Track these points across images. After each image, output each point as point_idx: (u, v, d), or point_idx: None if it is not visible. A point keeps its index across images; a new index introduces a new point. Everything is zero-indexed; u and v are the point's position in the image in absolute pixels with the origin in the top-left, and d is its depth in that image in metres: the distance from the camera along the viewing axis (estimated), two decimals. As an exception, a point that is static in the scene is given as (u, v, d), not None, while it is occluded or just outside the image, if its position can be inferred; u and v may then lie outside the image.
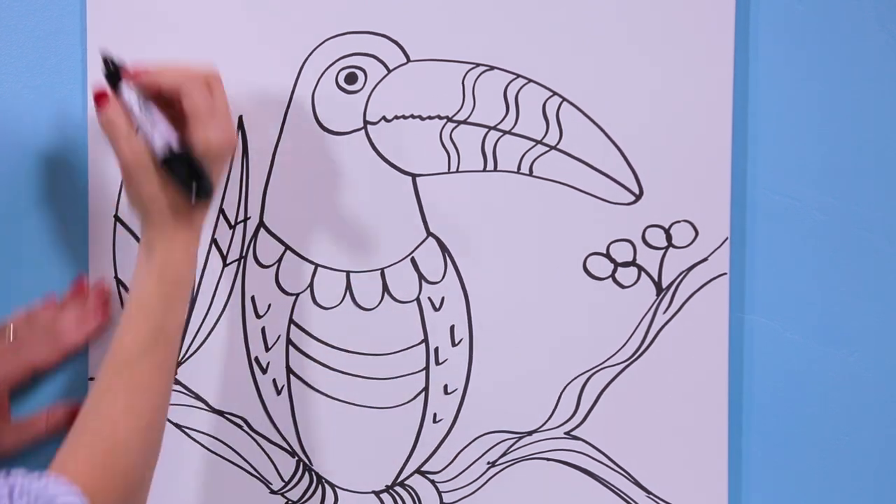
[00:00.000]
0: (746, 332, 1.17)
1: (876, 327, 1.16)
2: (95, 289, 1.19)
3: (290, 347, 1.19)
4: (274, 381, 1.20)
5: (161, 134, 1.04)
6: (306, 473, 1.21)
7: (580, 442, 1.18)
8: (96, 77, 1.10)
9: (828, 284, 1.16)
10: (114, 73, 1.06)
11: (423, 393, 1.19)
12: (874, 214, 1.15)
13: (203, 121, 1.05)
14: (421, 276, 1.19)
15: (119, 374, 1.05)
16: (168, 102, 1.06)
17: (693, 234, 1.16)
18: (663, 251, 1.16)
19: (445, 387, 1.19)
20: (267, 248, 1.19)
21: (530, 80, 1.16)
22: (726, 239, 1.16)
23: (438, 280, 1.19)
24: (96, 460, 1.01)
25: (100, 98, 1.06)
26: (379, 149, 1.18)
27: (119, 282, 1.20)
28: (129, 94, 1.05)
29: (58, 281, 1.20)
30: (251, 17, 1.17)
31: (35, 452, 1.18)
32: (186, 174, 1.03)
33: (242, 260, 1.19)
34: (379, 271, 1.19)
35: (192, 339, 1.20)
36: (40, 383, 1.21)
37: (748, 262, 1.16)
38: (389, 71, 1.17)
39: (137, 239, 1.19)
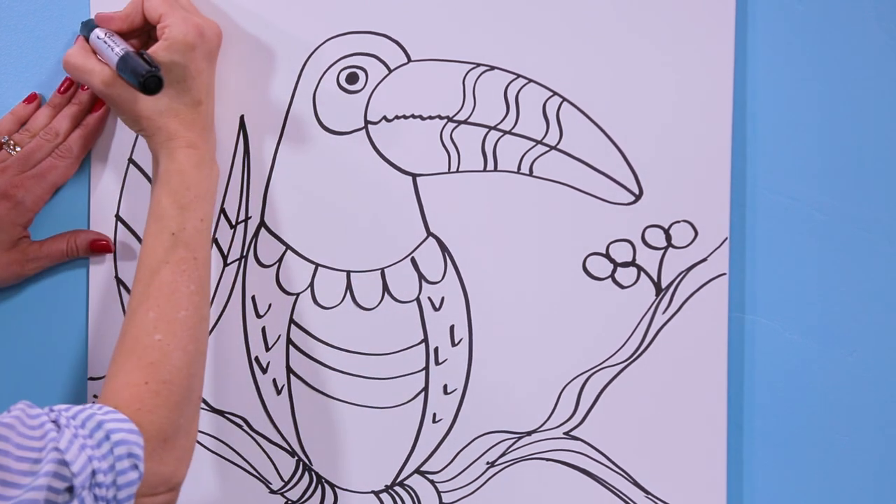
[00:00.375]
0: (746, 332, 1.16)
1: (875, 327, 1.16)
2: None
3: (291, 347, 1.20)
4: (274, 380, 1.20)
5: (122, 51, 1.06)
6: (306, 473, 1.21)
7: (579, 442, 1.18)
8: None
9: (827, 284, 1.16)
10: (88, 25, 1.12)
11: (423, 393, 1.19)
12: (874, 215, 1.15)
13: (165, 17, 1.09)
14: (421, 276, 1.19)
15: (147, 286, 1.06)
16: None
17: (693, 234, 1.16)
18: (663, 251, 1.16)
19: (445, 387, 1.19)
20: (267, 248, 1.19)
21: (530, 81, 1.16)
22: (726, 239, 1.16)
23: (438, 280, 1.19)
24: (139, 377, 1.02)
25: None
26: (379, 148, 1.18)
27: (119, 281, 1.20)
28: (98, 35, 1.10)
29: (59, 280, 1.21)
30: (253, 16, 1.17)
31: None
32: (140, 72, 1.03)
33: (243, 259, 1.19)
34: (379, 271, 1.19)
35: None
36: (40, 382, 1.21)
37: (748, 262, 1.16)
38: (390, 71, 1.17)
39: (138, 238, 1.20)
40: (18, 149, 1.17)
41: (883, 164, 1.15)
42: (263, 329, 1.20)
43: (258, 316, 1.20)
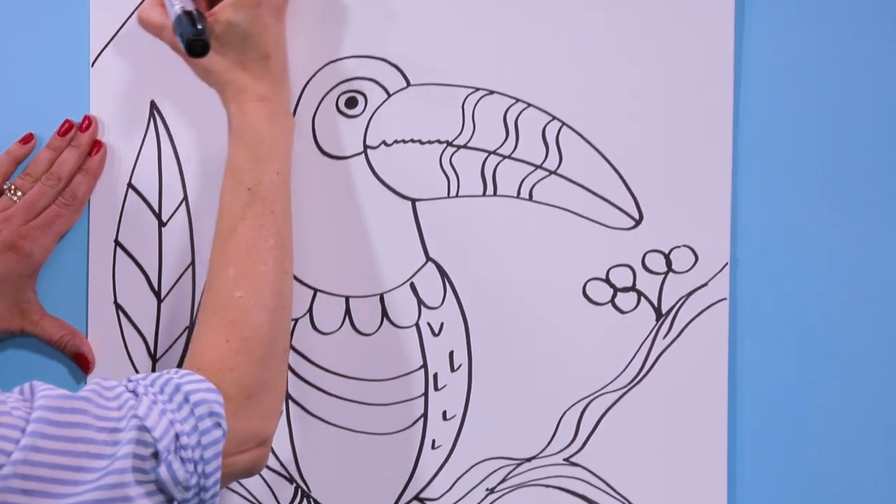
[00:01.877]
0: (747, 357, 1.16)
1: (876, 356, 1.15)
2: (83, 121, 1.19)
3: (290, 373, 1.19)
4: (272, 406, 1.20)
5: (179, 9, 1.05)
6: (304, 500, 1.20)
7: (579, 468, 1.18)
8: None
9: (829, 309, 1.15)
10: None
11: (422, 419, 1.19)
12: (876, 243, 1.14)
13: None
14: (420, 302, 1.18)
15: (225, 243, 1.06)
16: None
17: (693, 259, 1.15)
18: (663, 276, 1.16)
19: (444, 413, 1.19)
20: (266, 273, 1.19)
21: (530, 105, 1.16)
22: (726, 264, 1.15)
23: (438, 305, 1.18)
24: (220, 336, 1.02)
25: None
26: (379, 173, 1.18)
27: (118, 307, 1.20)
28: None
29: (59, 306, 1.20)
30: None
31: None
32: (187, 36, 1.03)
33: (241, 284, 1.19)
34: (378, 296, 1.18)
35: (190, 363, 1.19)
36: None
37: (748, 287, 1.15)
38: (389, 95, 1.17)
39: (137, 264, 1.20)
40: (20, 193, 1.17)
41: (884, 193, 1.14)
42: (262, 354, 1.19)
43: (257, 341, 1.19)
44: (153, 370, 1.20)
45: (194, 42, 1.02)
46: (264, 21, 1.08)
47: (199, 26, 1.03)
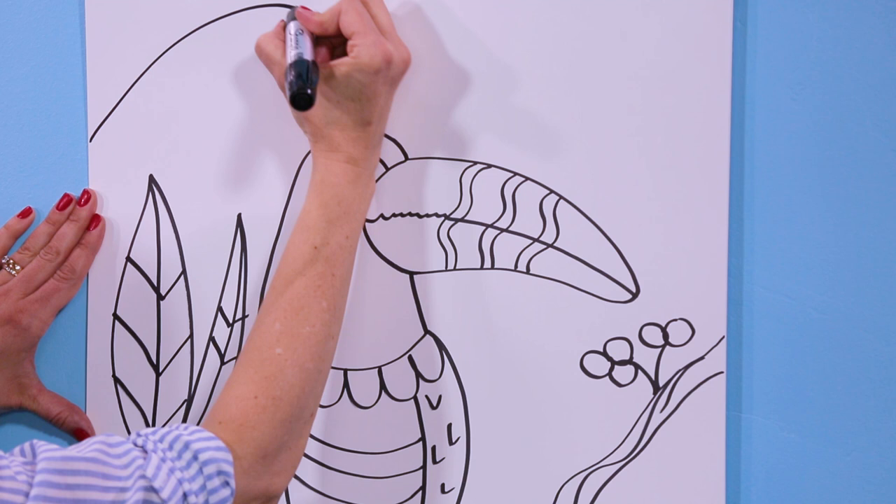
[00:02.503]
0: (744, 431, 1.16)
1: (872, 429, 1.15)
2: (82, 196, 1.19)
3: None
4: (271, 478, 1.20)
5: (296, 55, 1.05)
6: (303, 572, 1.20)
7: (578, 541, 1.18)
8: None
9: (825, 383, 1.16)
10: (291, 13, 1.11)
11: (420, 492, 1.19)
12: (870, 314, 1.15)
13: (357, 35, 1.07)
14: (418, 374, 1.18)
15: (279, 295, 1.06)
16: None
17: (690, 332, 1.16)
18: (660, 349, 1.16)
19: (443, 486, 1.19)
20: (264, 346, 1.19)
21: (527, 179, 1.16)
22: (723, 337, 1.15)
23: (436, 378, 1.18)
24: (250, 390, 1.02)
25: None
26: (377, 246, 1.18)
27: (117, 380, 1.20)
28: (290, 29, 1.09)
29: (57, 380, 1.20)
30: (252, 114, 1.18)
31: None
32: (293, 88, 1.03)
33: (240, 357, 1.19)
34: (376, 369, 1.19)
35: (188, 436, 1.19)
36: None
37: (745, 360, 1.16)
38: (388, 169, 1.18)
39: (136, 337, 1.20)
40: (18, 268, 1.17)
41: (879, 263, 1.15)
42: (260, 427, 1.19)
43: (255, 413, 1.19)
44: (151, 443, 1.20)
45: (299, 95, 1.02)
46: (377, 89, 1.08)
47: (311, 80, 1.02)
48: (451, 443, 1.18)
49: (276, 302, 1.05)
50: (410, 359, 1.18)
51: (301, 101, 1.02)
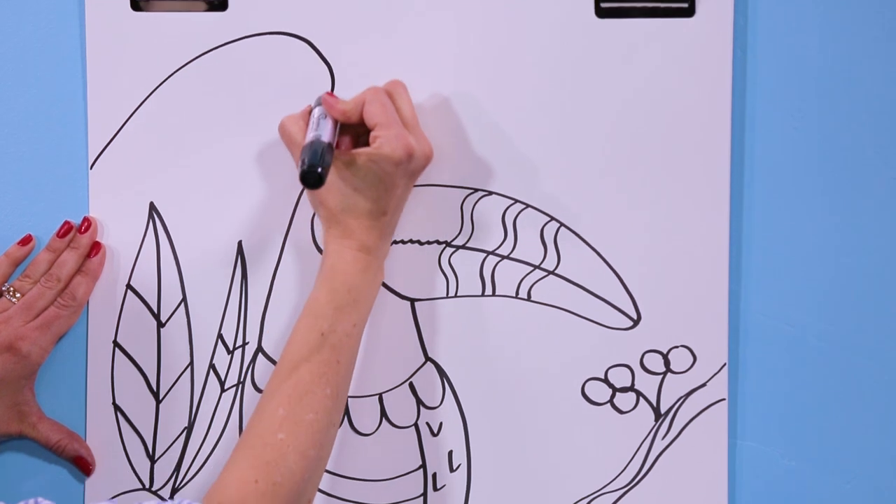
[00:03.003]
0: (746, 458, 1.16)
1: (873, 456, 1.15)
2: (82, 223, 1.19)
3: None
4: (271, 506, 1.19)
5: (314, 136, 1.06)
6: None
7: (580, 569, 1.18)
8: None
9: (826, 411, 1.16)
10: (319, 98, 1.12)
11: (422, 519, 1.19)
12: (871, 341, 1.15)
13: (380, 127, 1.08)
14: (419, 401, 1.18)
15: (283, 381, 1.06)
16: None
17: (691, 359, 1.16)
18: (661, 376, 1.16)
19: (444, 513, 1.19)
20: (265, 374, 1.18)
21: (528, 206, 1.17)
22: (724, 364, 1.16)
23: (437, 405, 1.18)
24: (251, 475, 1.02)
25: None
26: (377, 273, 1.18)
27: (117, 408, 1.20)
28: (314, 113, 1.10)
29: (57, 408, 1.20)
30: (252, 141, 1.18)
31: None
32: (304, 165, 1.03)
33: (240, 385, 1.19)
34: (377, 396, 1.19)
35: (189, 464, 1.19)
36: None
37: (747, 388, 1.16)
38: (388, 196, 1.18)
39: (136, 365, 1.19)
40: (18, 295, 1.17)
41: (880, 292, 1.15)
42: (260, 454, 1.19)
43: (255, 441, 1.19)
44: (151, 472, 1.19)
45: (309, 173, 1.02)
46: (396, 181, 1.09)
47: (323, 160, 1.03)
48: (451, 470, 1.18)
49: (280, 387, 1.06)
50: (411, 386, 1.18)
51: (310, 179, 1.02)
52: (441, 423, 1.18)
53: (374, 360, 1.18)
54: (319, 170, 1.02)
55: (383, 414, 1.18)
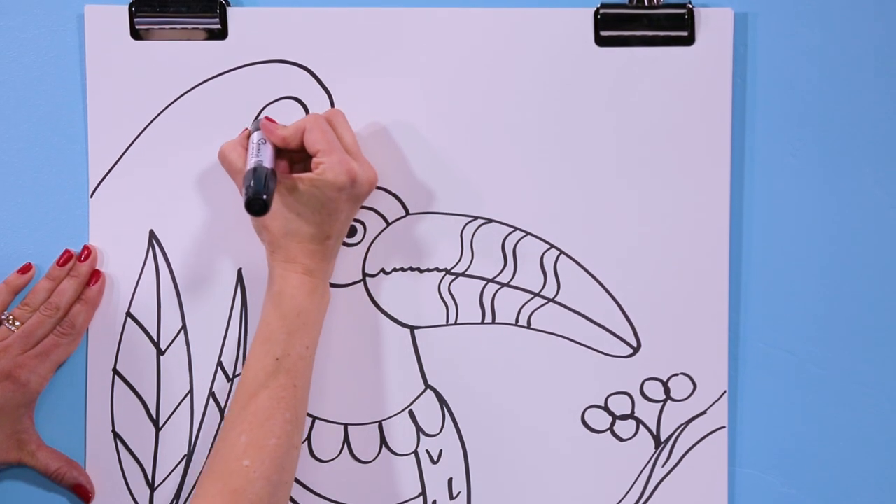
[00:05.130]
0: (745, 486, 1.16)
1: (872, 484, 1.16)
2: (82, 251, 1.19)
3: (289, 502, 1.18)
4: (271, 534, 1.19)
5: (254, 163, 1.07)
6: None
7: None
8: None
9: (825, 439, 1.16)
10: (256, 122, 1.13)
11: (422, 547, 1.19)
12: (870, 368, 1.15)
13: (322, 153, 1.09)
14: (419, 429, 1.18)
15: (243, 408, 1.07)
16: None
17: (691, 387, 1.16)
18: (661, 404, 1.17)
19: (444, 541, 1.19)
20: (265, 401, 1.18)
21: (528, 233, 1.17)
22: (724, 392, 1.16)
23: (436, 432, 1.18)
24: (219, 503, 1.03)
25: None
26: (377, 301, 1.18)
27: (116, 436, 1.19)
28: (253, 138, 1.11)
29: (56, 436, 1.20)
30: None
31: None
32: (248, 193, 1.04)
33: (240, 413, 1.19)
34: (377, 424, 1.19)
35: (189, 492, 1.19)
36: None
37: (747, 415, 1.16)
38: (388, 224, 1.18)
39: (136, 392, 1.19)
40: (18, 324, 1.17)
41: (879, 318, 1.15)
42: (260, 482, 1.19)
43: (255, 468, 1.19)
44: (151, 499, 1.19)
45: (254, 200, 1.04)
46: (339, 206, 1.10)
47: (268, 187, 1.04)
48: (451, 497, 1.18)
49: (240, 414, 1.07)
50: (411, 413, 1.18)
51: (255, 206, 1.04)
52: (441, 451, 1.18)
53: (374, 387, 1.18)
54: (265, 196, 1.04)
55: (383, 441, 1.18)
